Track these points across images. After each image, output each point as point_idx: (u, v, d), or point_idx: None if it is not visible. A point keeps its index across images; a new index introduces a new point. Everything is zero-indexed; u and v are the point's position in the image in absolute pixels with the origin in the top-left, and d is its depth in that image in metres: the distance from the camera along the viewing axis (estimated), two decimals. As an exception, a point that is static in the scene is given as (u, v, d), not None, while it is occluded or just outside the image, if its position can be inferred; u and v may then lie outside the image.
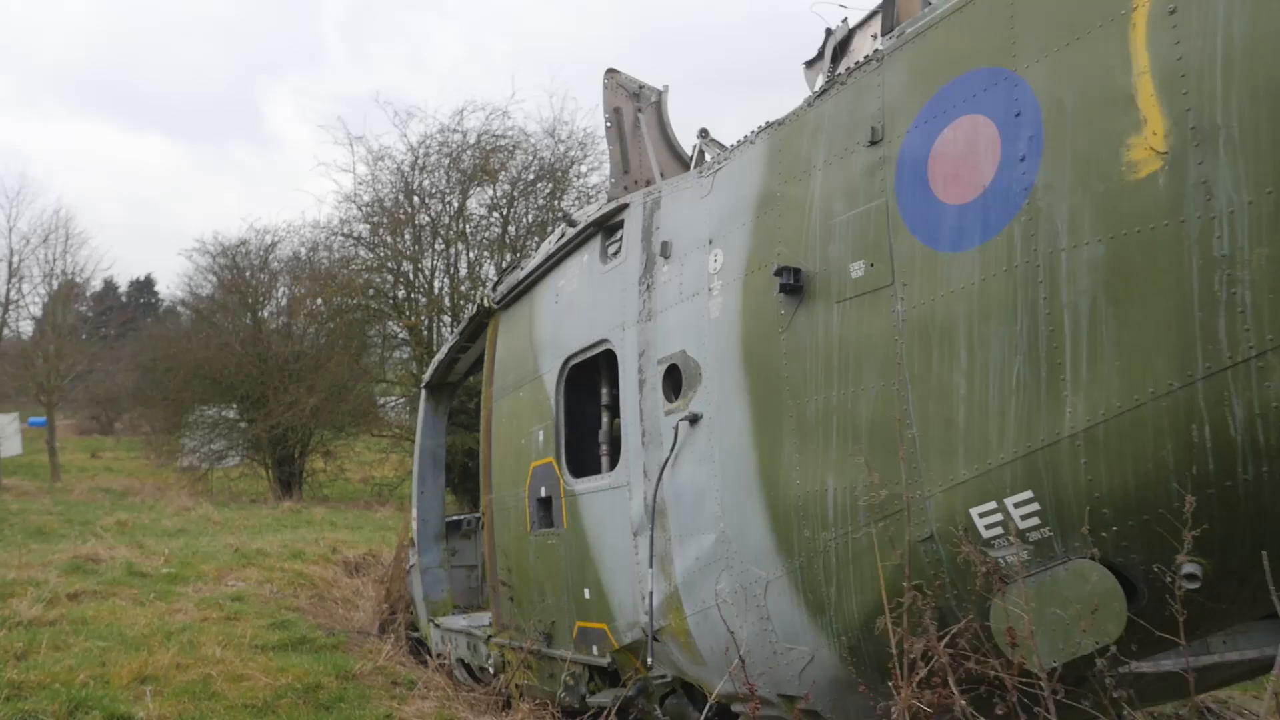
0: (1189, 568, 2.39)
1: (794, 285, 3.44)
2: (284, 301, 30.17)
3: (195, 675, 6.24)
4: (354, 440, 29.07)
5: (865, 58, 3.39)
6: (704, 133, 4.87)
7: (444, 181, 26.64)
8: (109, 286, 52.07)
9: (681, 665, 4.26)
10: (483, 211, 27.05)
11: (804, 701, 3.59)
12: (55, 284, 32.93)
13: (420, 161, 26.47)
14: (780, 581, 3.54)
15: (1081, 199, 2.53)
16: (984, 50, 2.87)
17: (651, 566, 4.18)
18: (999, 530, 2.75)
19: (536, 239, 24.06)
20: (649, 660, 4.23)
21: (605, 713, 4.74)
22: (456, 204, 26.73)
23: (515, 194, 26.57)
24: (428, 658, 7.62)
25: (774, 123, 3.81)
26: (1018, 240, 2.69)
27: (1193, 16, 2.32)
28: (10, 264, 31.33)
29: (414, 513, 8.60)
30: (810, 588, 3.39)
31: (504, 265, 27.20)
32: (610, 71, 5.25)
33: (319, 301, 27.74)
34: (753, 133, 3.96)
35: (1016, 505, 2.69)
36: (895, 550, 3.02)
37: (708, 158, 4.66)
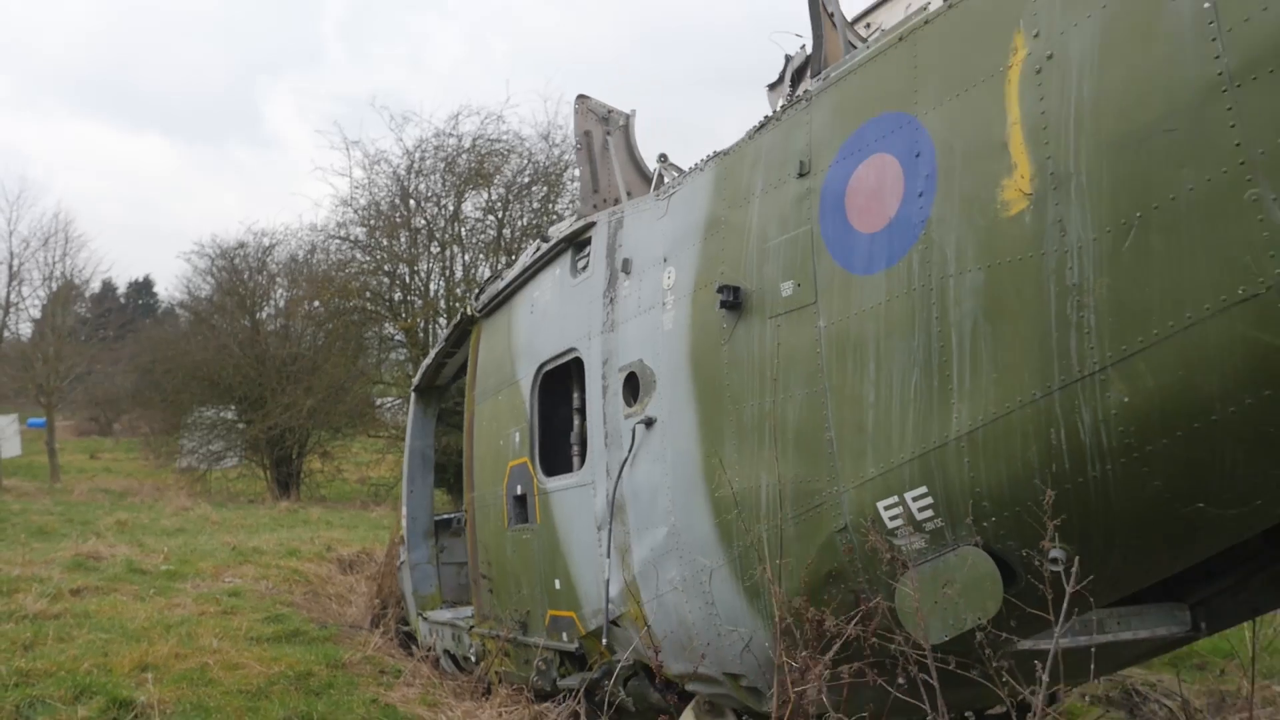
0: (1054, 553, 2.76)
1: (734, 302, 3.81)
2: (281, 303, 30.48)
3: (193, 664, 6.60)
4: (351, 441, 29.40)
5: (796, 97, 3.76)
6: (663, 158, 5.23)
7: (439, 185, 26.95)
8: (107, 288, 52.26)
9: (639, 648, 4.62)
10: (478, 215, 27.34)
11: (744, 679, 3.96)
12: (54, 286, 33.23)
13: (416, 165, 26.78)
14: (722, 570, 3.90)
15: (965, 232, 2.90)
16: (892, 96, 3.24)
17: (609, 557, 4.55)
18: (900, 521, 3.11)
19: (531, 241, 24.38)
20: (603, 641, 4.60)
21: (573, 694, 5.12)
22: (452, 207, 27.05)
23: (510, 197, 26.87)
24: (415, 649, 7.98)
25: (720, 153, 4.18)
26: (916, 266, 3.06)
27: (1054, 77, 2.69)
28: (11, 267, 31.64)
29: (404, 511, 8.95)
30: (747, 575, 3.75)
31: (497, 267, 27.49)
32: (580, 97, 5.62)
33: (316, 304, 28.05)
34: (702, 161, 4.32)
35: (914, 499, 3.06)
36: (816, 540, 3.39)
37: (666, 181, 5.03)
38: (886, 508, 3.14)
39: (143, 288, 72.23)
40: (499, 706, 5.84)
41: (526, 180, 26.66)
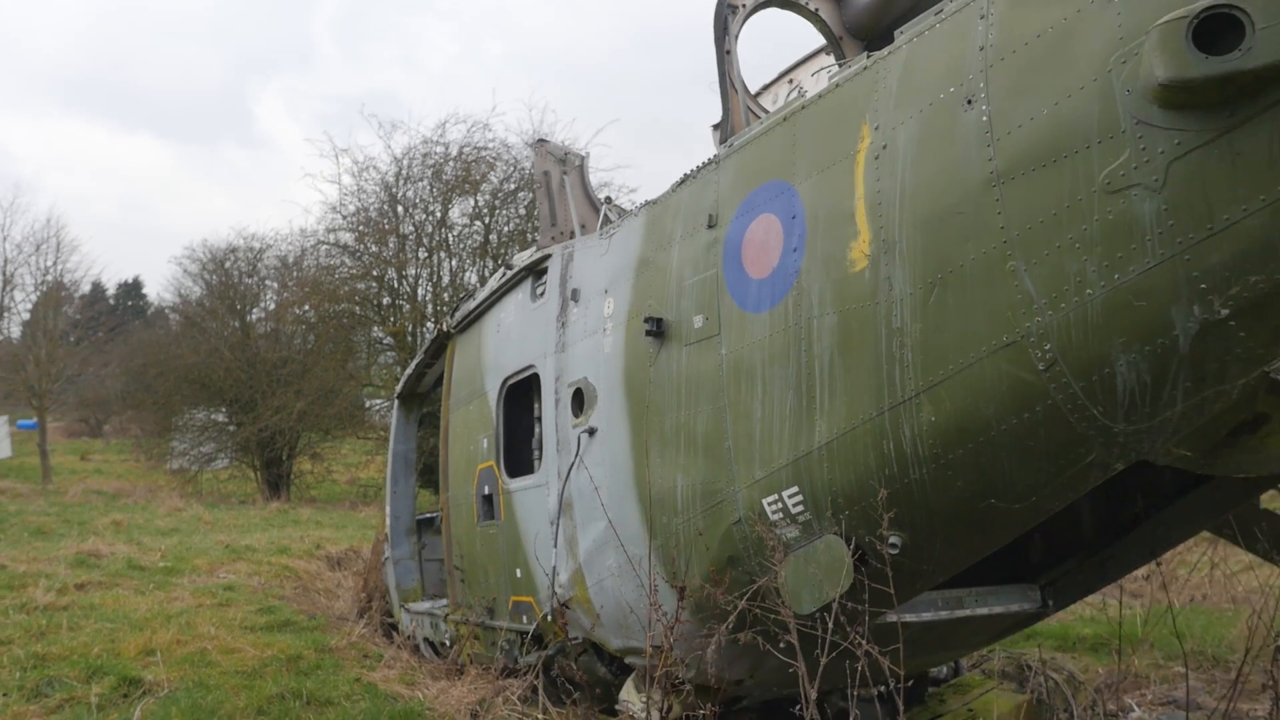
0: (893, 539, 3.47)
1: (658, 331, 4.51)
2: (271, 306, 30.95)
3: (193, 648, 7.28)
4: (340, 443, 29.92)
5: (707, 160, 4.47)
6: (608, 200, 5.94)
7: (427, 191, 27.52)
8: (97, 289, 52.48)
9: (587, 627, 5.33)
10: (465, 221, 27.94)
11: (671, 649, 4.66)
12: (46, 289, 33.60)
13: (404, 172, 27.36)
14: (650, 558, 4.60)
15: (825, 282, 3.62)
16: (776, 167, 3.96)
17: (556, 546, 5.26)
18: (780, 515, 3.83)
19: (517, 246, 25.02)
20: (546, 617, 5.31)
21: (532, 670, 5.82)
22: (439, 214, 27.64)
23: (496, 204, 27.49)
24: (397, 638, 8.66)
25: (650, 202, 4.89)
26: (791, 308, 3.77)
27: (887, 163, 3.41)
28: (5, 273, 32.09)
29: (388, 510, 9.63)
30: (667, 561, 4.46)
31: (483, 272, 27.99)
32: (540, 141, 6.32)
33: (306, 307, 28.55)
34: (637, 208, 5.03)
35: (789, 497, 3.77)
36: (719, 531, 4.10)
37: (611, 220, 5.72)
38: (770, 504, 3.85)
39: (132, 289, 72.31)
40: (469, 684, 6.53)
41: (513, 187, 27.26)
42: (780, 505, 3.82)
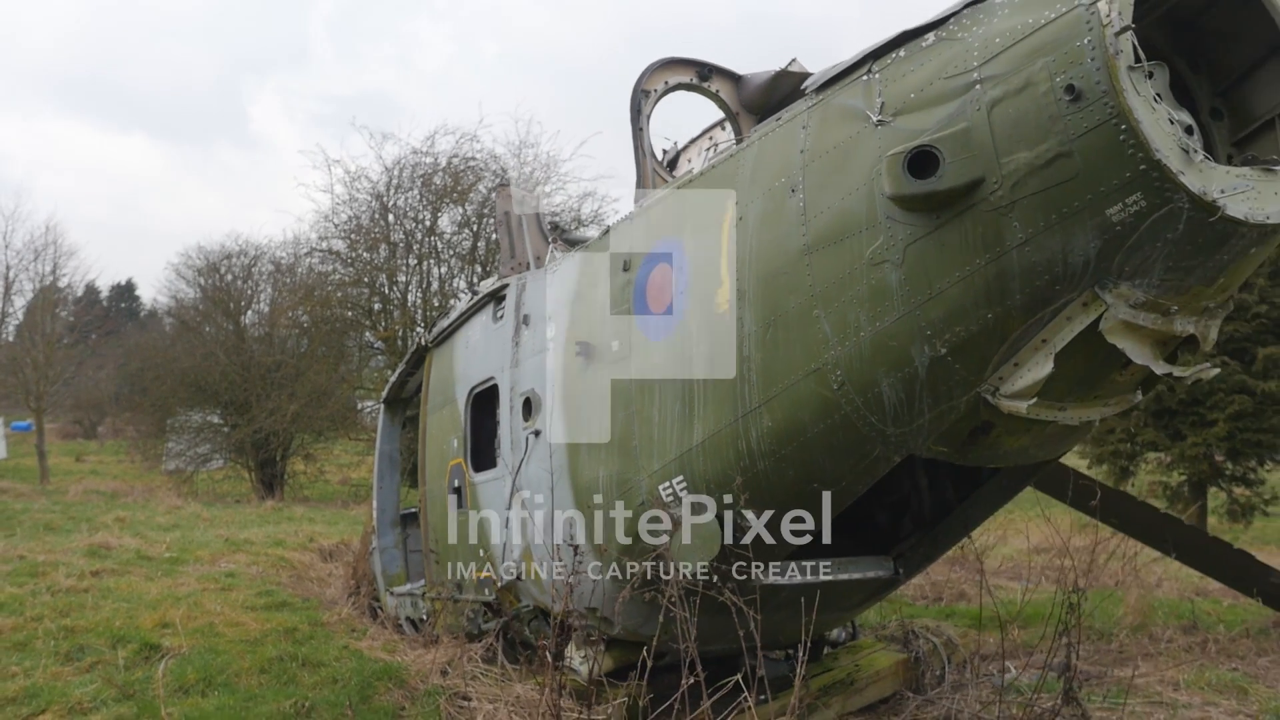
0: (749, 515, 4.58)
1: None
2: (265, 308, 31.85)
3: (202, 622, 8.36)
4: (333, 444, 30.85)
5: (625, 216, 5.58)
6: (556, 239, 7.04)
7: (417, 200, 28.52)
8: (90, 291, 53.21)
9: (535, 596, 6.43)
10: (453, 229, 28.95)
11: (599, 611, 5.77)
12: (39, 290, 34.27)
13: (395, 181, 28.35)
14: (581, 534, 5.71)
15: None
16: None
17: (508, 528, 6.37)
18: (671, 497, 4.93)
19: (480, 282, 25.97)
20: (503, 589, 6.41)
21: (492, 634, 6.92)
22: (428, 222, 28.65)
23: (484, 212, 28.51)
24: (382, 615, 9.75)
25: (584, 245, 5.99)
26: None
27: (742, 231, 4.51)
28: (7, 279, 32.96)
29: (374, 504, 10.71)
30: (595, 539, 5.56)
31: (472, 280, 28.87)
32: (502, 185, 7.43)
33: (300, 311, 29.48)
34: (575, 249, 6.14)
35: (678, 483, 4.87)
36: (630, 510, 5.21)
37: (557, 256, 6.82)
38: (664, 489, 4.96)
39: (125, 291, 72.97)
40: (442, 650, 7.63)
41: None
42: (671, 490, 4.92)
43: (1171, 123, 3.10)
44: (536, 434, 6.17)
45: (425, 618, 8.59)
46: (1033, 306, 3.45)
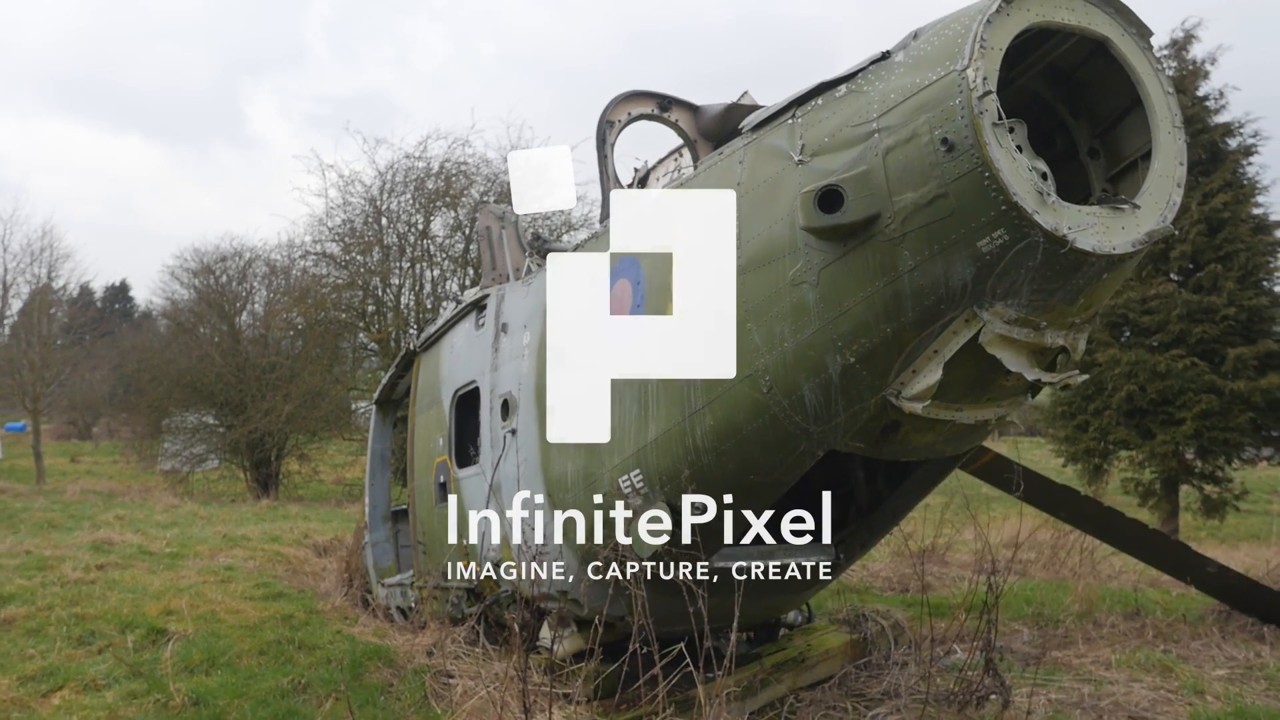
0: (695, 504, 5.16)
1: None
2: (260, 310, 32.29)
3: (205, 610, 8.91)
4: (327, 444, 31.33)
5: (591, 235, 6.16)
6: (533, 254, 7.62)
7: (410, 204, 29.04)
8: (85, 292, 53.51)
9: (513, 582, 7.01)
10: (445, 232, 29.48)
11: (569, 594, 6.35)
12: (34, 292, 34.61)
13: (388, 185, 28.87)
14: (553, 525, 6.29)
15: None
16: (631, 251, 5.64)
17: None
18: (630, 489, 5.52)
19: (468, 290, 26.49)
20: (483, 575, 6.99)
21: (474, 617, 7.49)
22: (421, 225, 29.17)
23: (476, 216, 29.03)
24: (373, 604, 10.32)
25: (558, 259, 6.57)
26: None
27: (690, 251, 5.10)
28: (4, 282, 33.37)
29: (366, 500, 11.28)
30: (565, 528, 6.14)
31: (464, 282, 29.32)
32: (484, 203, 8.00)
33: (294, 314, 29.95)
34: (549, 261, 6.71)
35: (635, 476, 5.45)
36: (594, 501, 5.80)
37: (532, 270, 7.41)
38: (623, 482, 5.54)
39: (120, 292, 73.21)
40: (429, 634, 8.20)
41: (492, 200, 28.80)
42: (630, 482, 5.51)
43: (1030, 170, 3.69)
44: (513, 433, 6.75)
45: (414, 606, 9.16)
46: (924, 322, 4.04)
